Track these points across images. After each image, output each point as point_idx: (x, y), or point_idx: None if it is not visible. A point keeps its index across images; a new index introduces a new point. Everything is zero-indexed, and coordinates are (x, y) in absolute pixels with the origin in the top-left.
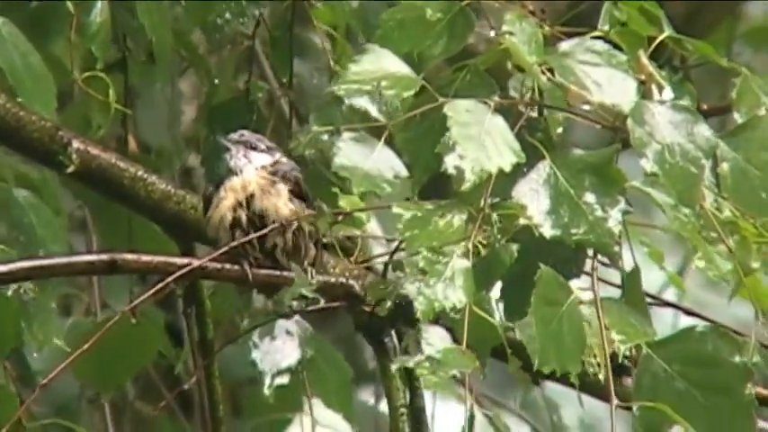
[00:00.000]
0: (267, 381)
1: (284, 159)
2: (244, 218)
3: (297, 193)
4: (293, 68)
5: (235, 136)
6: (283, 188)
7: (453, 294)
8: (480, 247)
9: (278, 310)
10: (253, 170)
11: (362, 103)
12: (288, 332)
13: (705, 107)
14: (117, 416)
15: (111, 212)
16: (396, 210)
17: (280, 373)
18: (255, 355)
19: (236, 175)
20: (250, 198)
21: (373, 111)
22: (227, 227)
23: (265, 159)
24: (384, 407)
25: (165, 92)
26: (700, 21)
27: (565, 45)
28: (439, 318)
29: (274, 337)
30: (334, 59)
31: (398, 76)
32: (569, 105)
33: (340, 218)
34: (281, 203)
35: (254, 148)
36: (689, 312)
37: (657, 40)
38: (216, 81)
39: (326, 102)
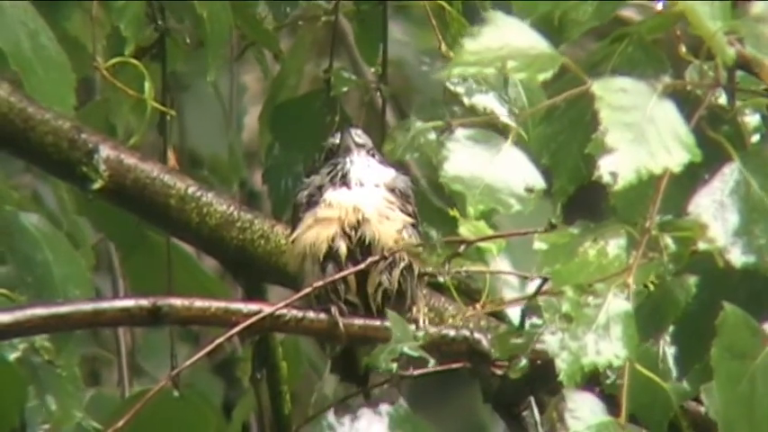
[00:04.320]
0: None
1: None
2: (343, 248)
3: (411, 219)
4: (391, 52)
5: (357, 136)
6: (400, 213)
7: (609, 348)
8: (645, 282)
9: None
10: (373, 186)
11: (483, 98)
12: (375, 411)
13: None
14: None
15: (144, 247)
16: (538, 244)
17: None
18: None
19: (349, 187)
20: (359, 223)
21: (497, 107)
22: (318, 258)
23: (387, 174)
24: None
25: (219, 85)
26: None
27: (760, 7)
28: (592, 381)
29: (356, 417)
30: (447, 42)
31: (532, 54)
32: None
33: (461, 249)
34: (398, 233)
35: (373, 156)
36: None
37: None
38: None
39: (434, 99)
